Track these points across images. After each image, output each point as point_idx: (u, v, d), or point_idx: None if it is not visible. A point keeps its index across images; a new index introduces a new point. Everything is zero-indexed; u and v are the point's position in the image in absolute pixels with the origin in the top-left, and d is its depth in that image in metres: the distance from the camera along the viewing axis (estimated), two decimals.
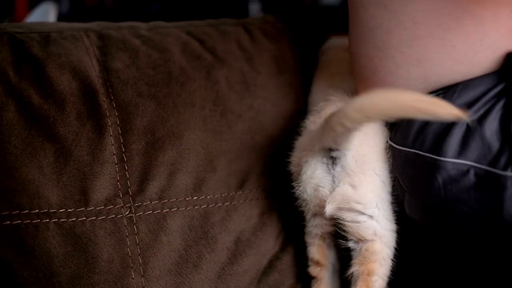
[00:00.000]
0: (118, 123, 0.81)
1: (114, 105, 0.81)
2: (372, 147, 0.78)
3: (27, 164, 0.75)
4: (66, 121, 0.78)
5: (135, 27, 0.92)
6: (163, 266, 0.79)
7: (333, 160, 0.77)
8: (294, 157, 0.83)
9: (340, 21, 0.92)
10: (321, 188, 0.77)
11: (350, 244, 0.78)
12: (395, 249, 0.79)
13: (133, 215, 0.79)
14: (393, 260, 0.79)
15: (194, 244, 0.82)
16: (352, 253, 0.79)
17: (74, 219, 0.76)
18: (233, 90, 0.90)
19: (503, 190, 0.66)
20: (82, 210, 0.76)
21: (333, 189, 0.77)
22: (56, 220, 0.75)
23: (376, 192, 0.77)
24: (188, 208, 0.82)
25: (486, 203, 0.68)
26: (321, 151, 0.77)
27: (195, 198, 0.83)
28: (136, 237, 0.79)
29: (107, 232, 0.77)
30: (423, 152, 0.73)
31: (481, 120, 0.70)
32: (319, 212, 0.79)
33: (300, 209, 0.82)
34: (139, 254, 0.78)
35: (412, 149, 0.75)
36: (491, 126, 0.69)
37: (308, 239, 0.85)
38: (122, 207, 0.79)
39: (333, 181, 0.77)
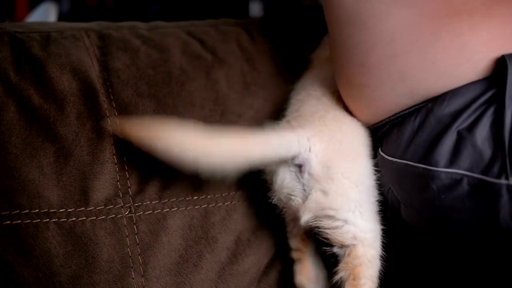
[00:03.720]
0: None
1: (114, 105, 0.81)
2: (338, 149, 0.76)
3: (27, 164, 0.75)
4: (66, 121, 0.78)
5: (135, 27, 0.92)
6: (163, 266, 0.79)
7: (300, 168, 0.75)
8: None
9: None
10: (293, 197, 0.76)
11: (335, 250, 0.77)
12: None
13: (133, 215, 0.79)
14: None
15: (194, 244, 0.82)
16: (339, 258, 0.77)
17: (74, 219, 0.76)
18: (233, 90, 0.90)
19: (498, 198, 0.65)
20: (82, 210, 0.76)
21: (305, 198, 0.75)
22: (56, 220, 0.75)
23: (347, 195, 0.74)
24: (188, 208, 0.82)
25: (481, 211, 0.67)
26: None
27: (195, 197, 0.83)
28: (136, 237, 0.79)
29: (107, 232, 0.77)
30: (414, 163, 0.72)
31: (472, 127, 0.68)
32: (298, 218, 0.77)
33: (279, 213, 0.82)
34: (139, 254, 0.78)
35: (403, 160, 0.74)
36: (482, 133, 0.67)
37: (290, 236, 0.84)
38: (122, 207, 0.79)
39: (304, 190, 0.75)
